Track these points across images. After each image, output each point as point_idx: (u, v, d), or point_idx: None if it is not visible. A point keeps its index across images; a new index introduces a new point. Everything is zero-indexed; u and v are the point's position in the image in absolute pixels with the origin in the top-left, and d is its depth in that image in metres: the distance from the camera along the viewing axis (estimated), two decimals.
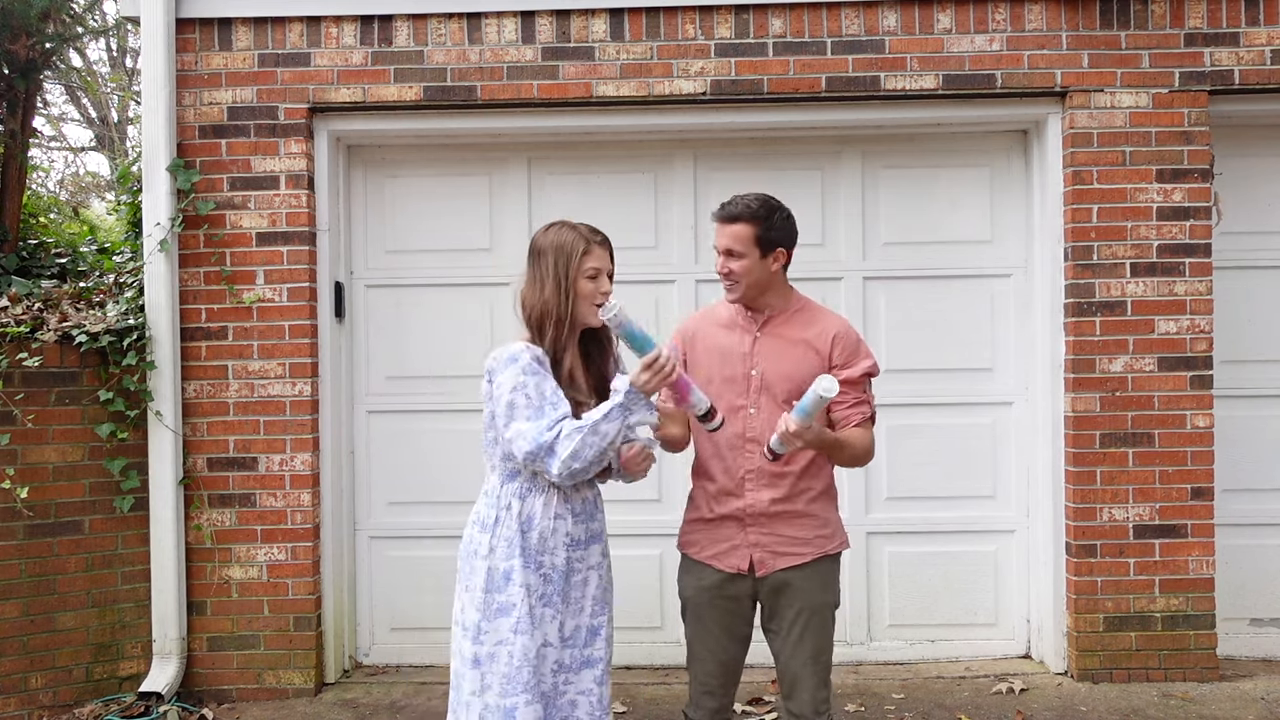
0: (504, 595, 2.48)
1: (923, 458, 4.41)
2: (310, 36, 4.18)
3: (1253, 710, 3.84)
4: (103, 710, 3.97)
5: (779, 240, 2.65)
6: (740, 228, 2.62)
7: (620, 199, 4.44)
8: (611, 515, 2.65)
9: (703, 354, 2.74)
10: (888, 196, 4.42)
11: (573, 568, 2.56)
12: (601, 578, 2.63)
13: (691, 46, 4.15)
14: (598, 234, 2.58)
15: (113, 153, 10.31)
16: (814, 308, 2.77)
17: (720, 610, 2.70)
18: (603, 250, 2.56)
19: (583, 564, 2.59)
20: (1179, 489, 4.11)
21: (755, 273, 2.64)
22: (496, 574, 2.50)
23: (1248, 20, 4.11)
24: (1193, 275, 4.11)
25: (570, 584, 2.56)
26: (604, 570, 2.65)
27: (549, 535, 2.52)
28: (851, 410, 2.66)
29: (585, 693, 2.57)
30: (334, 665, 4.31)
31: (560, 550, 2.53)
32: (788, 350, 2.67)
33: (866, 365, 2.69)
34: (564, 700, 2.56)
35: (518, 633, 2.46)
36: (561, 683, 2.56)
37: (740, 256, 2.62)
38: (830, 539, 2.70)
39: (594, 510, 2.63)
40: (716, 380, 2.69)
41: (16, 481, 3.83)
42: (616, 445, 2.46)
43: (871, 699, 4.00)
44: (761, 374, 2.66)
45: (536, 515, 2.53)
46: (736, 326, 2.73)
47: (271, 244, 4.16)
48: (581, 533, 2.58)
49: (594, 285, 2.53)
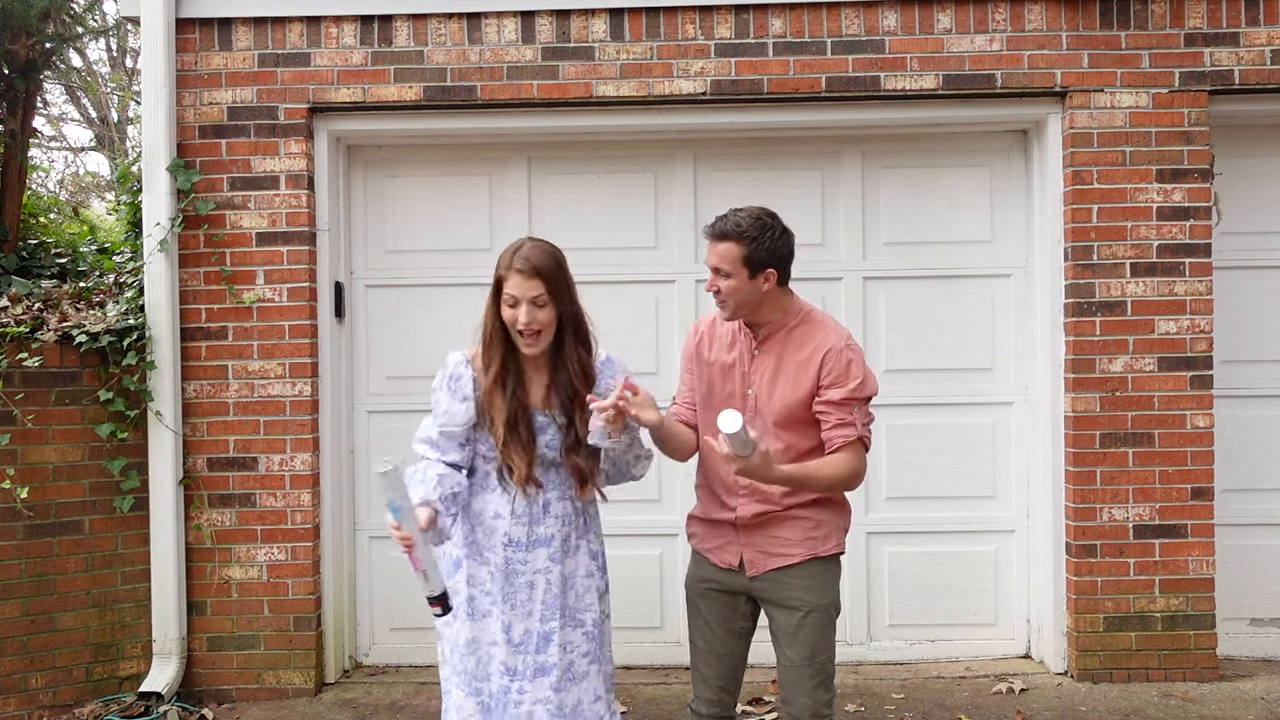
0: (453, 580, 2.61)
1: (923, 458, 4.41)
2: (310, 36, 4.18)
3: (1253, 710, 3.84)
4: (103, 710, 3.97)
5: (768, 261, 2.54)
6: (728, 246, 2.53)
7: (620, 199, 4.45)
8: (611, 515, 2.65)
9: (705, 366, 2.73)
10: (888, 196, 4.42)
11: (514, 569, 2.57)
12: (550, 584, 2.58)
13: (691, 46, 4.15)
14: (524, 259, 2.49)
15: (113, 153, 10.30)
16: (814, 320, 2.66)
17: (714, 602, 2.71)
18: (523, 279, 2.47)
19: (526, 566, 2.57)
20: (1179, 489, 4.11)
21: (743, 293, 2.56)
22: (449, 559, 2.65)
23: (1248, 20, 4.11)
24: (1193, 275, 4.11)
25: (513, 585, 2.57)
26: (552, 577, 2.58)
27: (489, 533, 2.59)
28: (834, 431, 2.56)
29: (543, 701, 2.55)
30: (334, 665, 4.31)
31: (498, 549, 2.57)
32: (782, 372, 2.61)
33: (852, 387, 2.55)
34: (520, 711, 2.54)
35: (456, 617, 2.58)
36: (516, 690, 2.55)
37: (728, 276, 2.55)
38: (822, 541, 2.65)
39: (541, 515, 2.59)
40: (715, 399, 2.68)
41: (16, 481, 3.83)
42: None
43: (871, 699, 4.00)
44: (756, 395, 2.64)
45: (483, 511, 2.60)
46: (736, 342, 2.70)
47: (271, 244, 4.16)
48: (523, 535, 2.57)
49: (512, 313, 2.50)
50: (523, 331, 2.50)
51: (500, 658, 2.56)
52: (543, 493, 2.59)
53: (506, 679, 2.56)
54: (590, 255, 4.42)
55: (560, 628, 2.58)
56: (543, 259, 2.52)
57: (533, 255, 2.51)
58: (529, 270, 2.48)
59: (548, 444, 2.58)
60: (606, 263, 4.42)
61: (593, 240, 4.43)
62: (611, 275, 4.41)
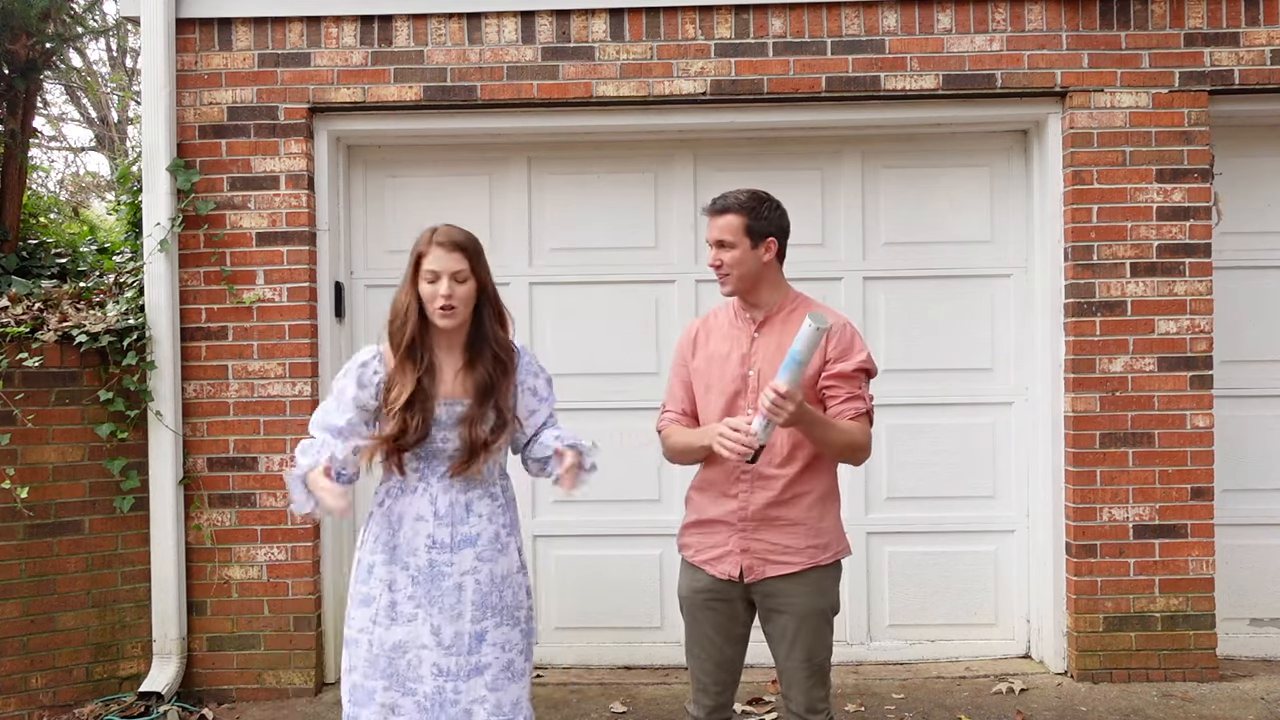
0: (366, 587, 2.58)
1: (923, 458, 4.41)
2: (310, 36, 4.18)
3: (1253, 710, 3.84)
4: (103, 710, 3.97)
5: (769, 230, 2.64)
6: (730, 218, 2.62)
7: (620, 199, 4.45)
8: (611, 515, 2.66)
9: (703, 361, 2.72)
10: (888, 196, 4.42)
11: (439, 570, 2.55)
12: (479, 583, 2.57)
13: (691, 46, 4.15)
14: (446, 235, 2.53)
15: (113, 153, 10.30)
16: (811, 304, 2.73)
17: (713, 613, 2.69)
18: (445, 252, 2.50)
19: (452, 568, 2.55)
20: (1179, 489, 4.11)
21: (747, 263, 2.63)
22: (362, 566, 2.61)
23: (1248, 20, 4.10)
24: (1193, 275, 4.11)
25: (439, 588, 2.55)
26: (482, 576, 2.58)
27: (411, 535, 2.56)
28: (845, 405, 2.59)
29: (479, 700, 2.56)
30: (334, 665, 4.31)
31: (422, 551, 2.56)
32: (786, 348, 2.61)
33: (860, 359, 2.61)
34: (458, 710, 2.54)
35: (376, 623, 2.54)
36: (450, 690, 2.54)
37: (731, 247, 2.62)
38: (823, 549, 2.64)
39: (465, 515, 2.58)
40: (716, 386, 2.67)
41: (16, 481, 3.82)
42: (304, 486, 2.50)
43: (871, 699, 4.00)
44: (759, 373, 2.63)
45: (404, 514, 2.58)
46: (735, 329, 2.71)
47: (271, 244, 4.16)
48: (446, 535, 2.56)
49: (432, 288, 2.51)
50: (442, 306, 2.50)
51: (431, 659, 2.54)
52: (463, 492, 2.59)
53: (440, 679, 2.54)
54: (590, 255, 4.44)
55: (496, 626, 2.58)
56: (464, 235, 2.56)
57: (453, 232, 2.55)
58: (450, 244, 2.51)
59: (443, 438, 2.56)
60: (606, 263, 4.42)
61: (593, 240, 4.43)
62: (611, 275, 4.41)
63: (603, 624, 4.45)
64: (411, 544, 2.56)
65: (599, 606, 4.44)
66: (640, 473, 4.36)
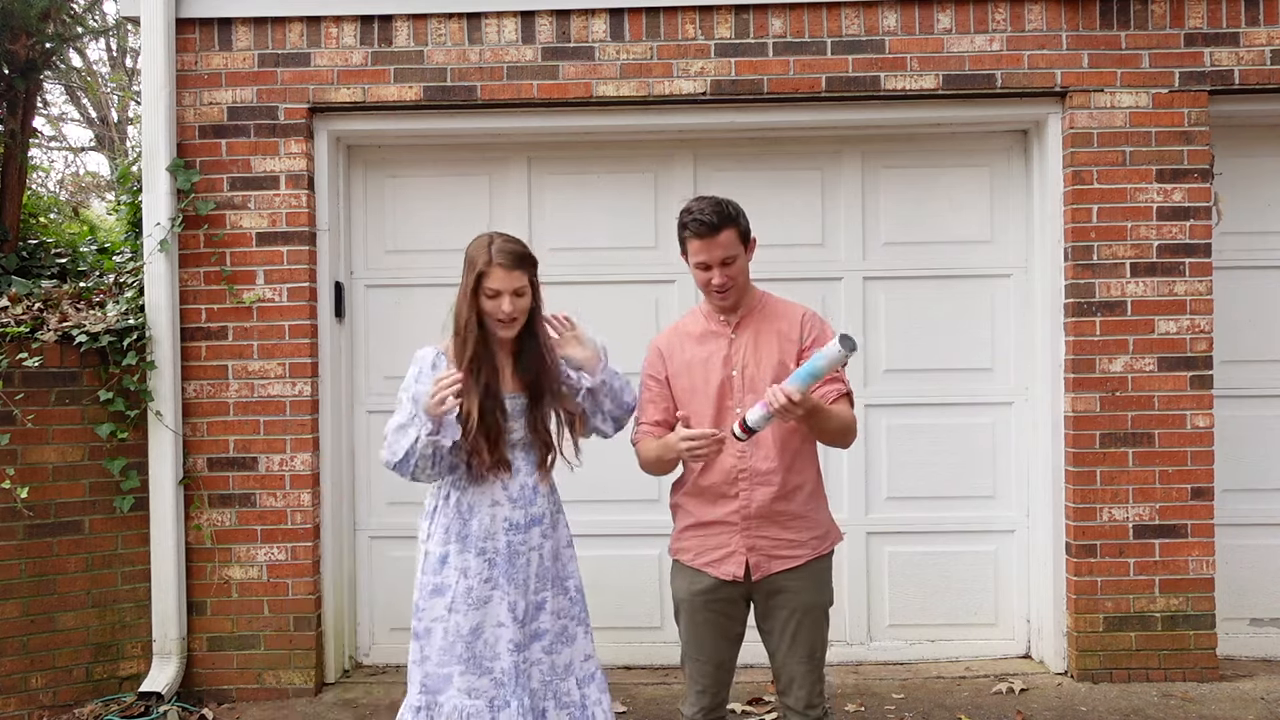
0: (439, 577, 2.72)
1: (923, 458, 4.41)
2: (310, 36, 4.18)
3: (1253, 710, 3.84)
4: (103, 710, 3.97)
5: (748, 230, 2.70)
6: (729, 233, 2.63)
7: (620, 199, 4.45)
8: (611, 515, 2.68)
9: (681, 368, 2.74)
10: (888, 196, 4.42)
11: (514, 550, 2.73)
12: (543, 558, 2.78)
13: (691, 46, 4.15)
14: (506, 254, 2.64)
15: (113, 153, 10.30)
16: (774, 300, 2.79)
17: (714, 614, 2.71)
18: (505, 272, 2.63)
19: (525, 546, 2.75)
20: (1179, 489, 4.11)
21: (745, 272, 2.70)
22: (432, 558, 2.75)
23: (1248, 20, 4.10)
24: (1193, 275, 4.11)
25: (514, 565, 2.73)
26: (545, 550, 2.79)
27: (489, 522, 2.71)
28: (827, 387, 2.63)
29: (536, 663, 2.76)
30: (334, 665, 4.31)
31: (501, 535, 2.72)
32: (764, 341, 2.69)
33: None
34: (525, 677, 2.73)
35: (453, 611, 2.69)
36: (523, 662, 2.73)
37: (733, 261, 2.64)
38: (824, 540, 2.73)
39: (533, 496, 2.77)
40: (701, 389, 2.69)
41: (16, 481, 3.82)
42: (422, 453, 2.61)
43: (871, 699, 4.00)
44: (743, 371, 2.67)
45: (475, 504, 2.72)
46: (709, 334, 2.74)
47: (271, 244, 4.16)
48: (521, 517, 2.75)
49: (494, 304, 2.66)
50: (503, 320, 2.66)
51: (508, 636, 2.71)
52: (529, 475, 2.77)
53: (516, 655, 2.71)
54: (590, 255, 4.44)
55: (552, 596, 2.80)
56: (521, 250, 2.71)
57: (512, 246, 2.68)
58: (512, 264, 2.65)
59: (510, 428, 2.73)
60: (606, 263, 4.42)
61: (593, 240, 4.43)
62: (611, 275, 4.41)
63: (602, 624, 4.39)
64: (488, 530, 2.72)
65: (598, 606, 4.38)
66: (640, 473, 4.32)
